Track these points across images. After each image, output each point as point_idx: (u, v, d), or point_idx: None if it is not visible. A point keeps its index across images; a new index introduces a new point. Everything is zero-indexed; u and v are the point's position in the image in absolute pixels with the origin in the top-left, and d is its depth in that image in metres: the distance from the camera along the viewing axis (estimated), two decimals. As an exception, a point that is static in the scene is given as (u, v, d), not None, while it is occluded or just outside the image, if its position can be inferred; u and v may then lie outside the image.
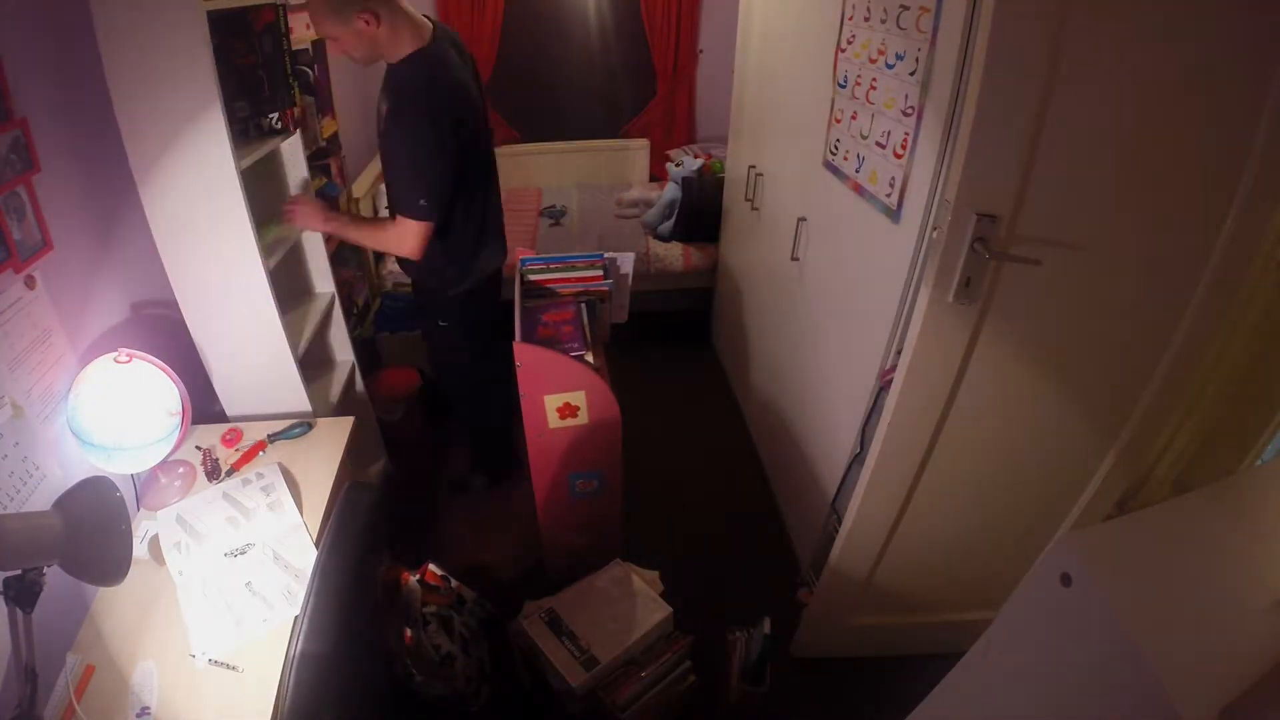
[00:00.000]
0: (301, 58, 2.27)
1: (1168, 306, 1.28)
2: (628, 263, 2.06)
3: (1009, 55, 1.03)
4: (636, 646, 1.70)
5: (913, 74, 1.38)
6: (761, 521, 2.37)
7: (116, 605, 1.31)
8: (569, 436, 1.84)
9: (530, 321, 1.92)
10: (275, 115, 1.77)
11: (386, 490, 2.39)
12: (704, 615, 1.89)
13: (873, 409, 1.59)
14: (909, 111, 1.41)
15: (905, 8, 1.39)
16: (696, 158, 3.50)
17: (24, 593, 1.01)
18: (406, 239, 1.75)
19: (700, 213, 3.23)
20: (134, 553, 1.17)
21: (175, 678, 1.20)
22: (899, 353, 1.40)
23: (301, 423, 1.74)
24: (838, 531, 1.67)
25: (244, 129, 1.71)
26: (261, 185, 1.75)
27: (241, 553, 1.40)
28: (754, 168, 2.47)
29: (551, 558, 2.11)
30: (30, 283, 1.32)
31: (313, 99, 2.36)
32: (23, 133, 1.30)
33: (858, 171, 1.66)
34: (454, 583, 1.84)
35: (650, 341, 3.22)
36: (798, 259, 2.10)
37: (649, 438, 2.72)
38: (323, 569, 1.25)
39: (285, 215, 1.82)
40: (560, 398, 1.76)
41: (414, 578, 1.75)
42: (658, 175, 4.13)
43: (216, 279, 1.61)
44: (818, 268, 1.92)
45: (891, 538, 1.61)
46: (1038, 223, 1.17)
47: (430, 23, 1.72)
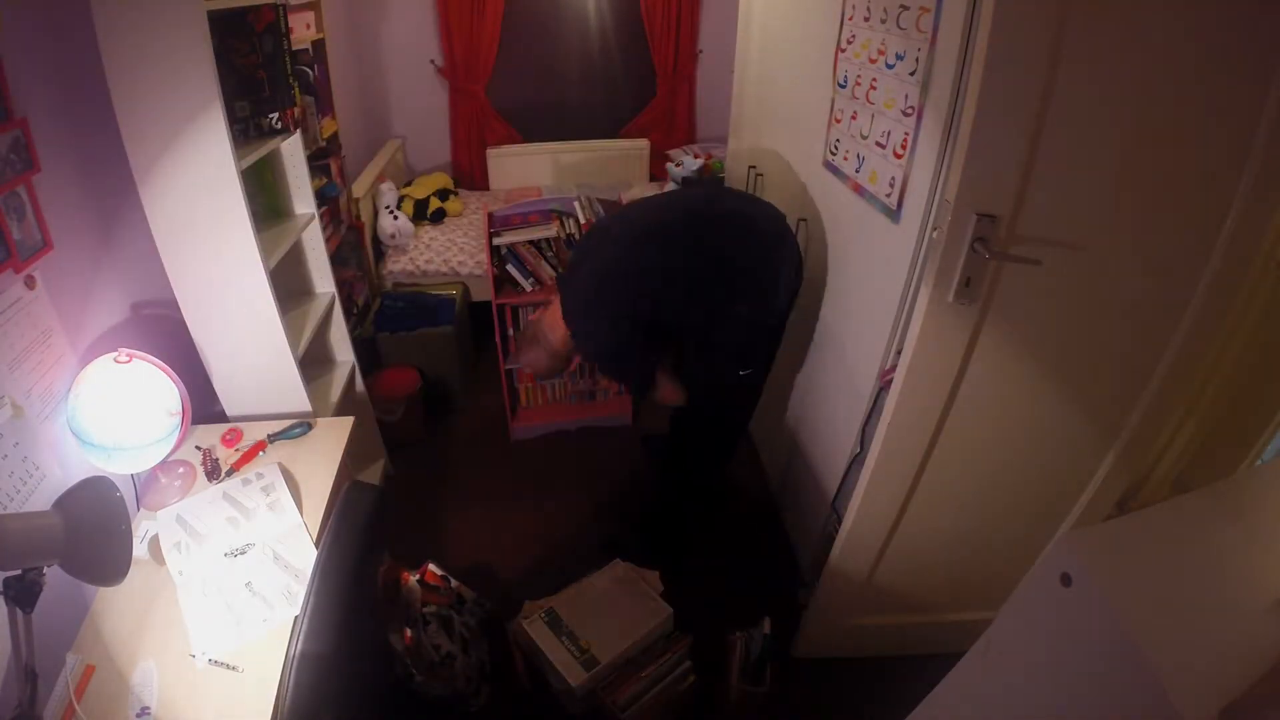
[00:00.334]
0: (301, 58, 2.27)
1: (1168, 306, 1.27)
2: None
3: (1009, 55, 1.03)
4: (636, 646, 1.70)
5: (913, 74, 1.38)
6: (761, 521, 2.37)
7: (116, 605, 1.31)
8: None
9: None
10: (275, 115, 1.77)
11: (386, 490, 2.39)
12: (704, 615, 1.89)
13: (873, 409, 1.59)
14: (909, 111, 1.41)
15: (905, 8, 1.39)
16: (696, 158, 3.49)
17: (24, 593, 1.01)
18: None
19: (701, 213, 3.22)
20: (134, 553, 1.17)
21: (175, 678, 1.20)
22: (899, 353, 1.40)
23: (301, 423, 1.74)
24: (838, 531, 1.66)
25: (244, 129, 1.72)
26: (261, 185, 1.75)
27: (241, 553, 1.40)
28: (754, 168, 2.47)
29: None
30: (30, 283, 1.32)
31: (313, 99, 2.36)
32: (23, 133, 1.30)
33: (858, 171, 1.66)
34: (454, 583, 1.84)
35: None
36: (798, 259, 2.10)
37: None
38: (322, 569, 1.25)
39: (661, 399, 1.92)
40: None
41: (414, 578, 1.75)
42: (658, 175, 4.12)
43: (217, 279, 1.61)
44: (818, 268, 1.92)
45: (891, 538, 1.61)
46: (1038, 223, 1.17)
47: None
